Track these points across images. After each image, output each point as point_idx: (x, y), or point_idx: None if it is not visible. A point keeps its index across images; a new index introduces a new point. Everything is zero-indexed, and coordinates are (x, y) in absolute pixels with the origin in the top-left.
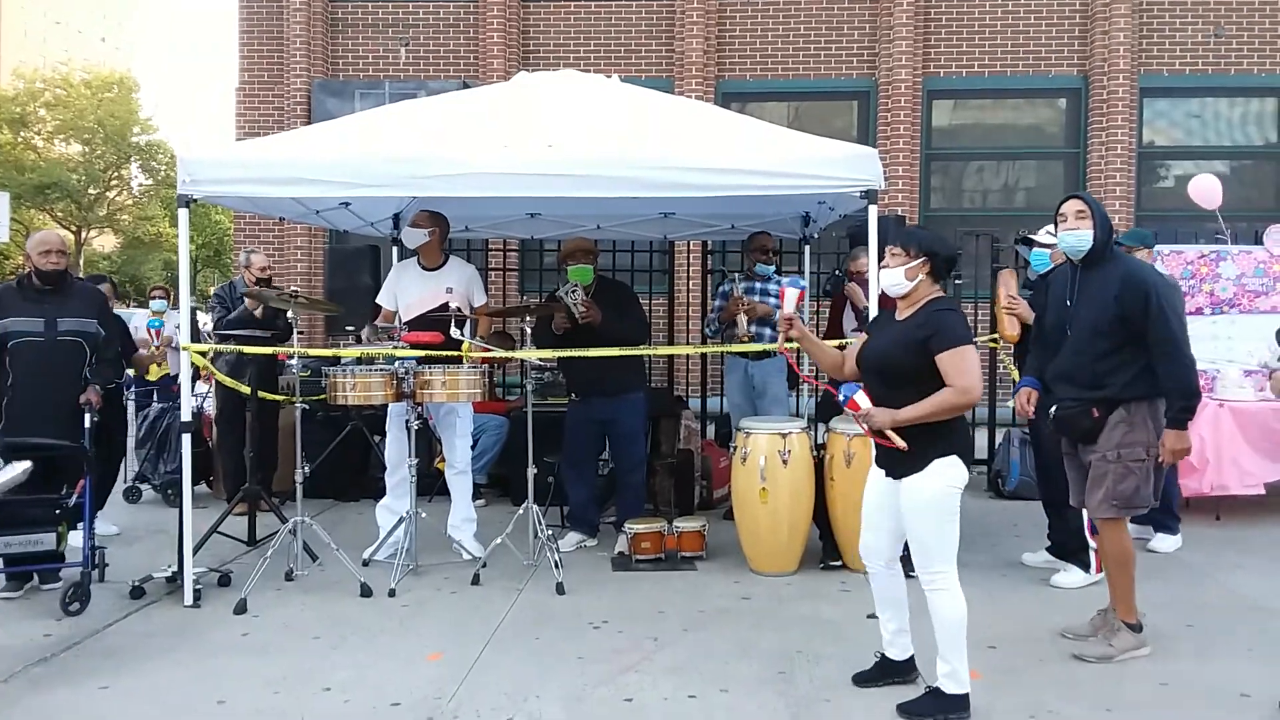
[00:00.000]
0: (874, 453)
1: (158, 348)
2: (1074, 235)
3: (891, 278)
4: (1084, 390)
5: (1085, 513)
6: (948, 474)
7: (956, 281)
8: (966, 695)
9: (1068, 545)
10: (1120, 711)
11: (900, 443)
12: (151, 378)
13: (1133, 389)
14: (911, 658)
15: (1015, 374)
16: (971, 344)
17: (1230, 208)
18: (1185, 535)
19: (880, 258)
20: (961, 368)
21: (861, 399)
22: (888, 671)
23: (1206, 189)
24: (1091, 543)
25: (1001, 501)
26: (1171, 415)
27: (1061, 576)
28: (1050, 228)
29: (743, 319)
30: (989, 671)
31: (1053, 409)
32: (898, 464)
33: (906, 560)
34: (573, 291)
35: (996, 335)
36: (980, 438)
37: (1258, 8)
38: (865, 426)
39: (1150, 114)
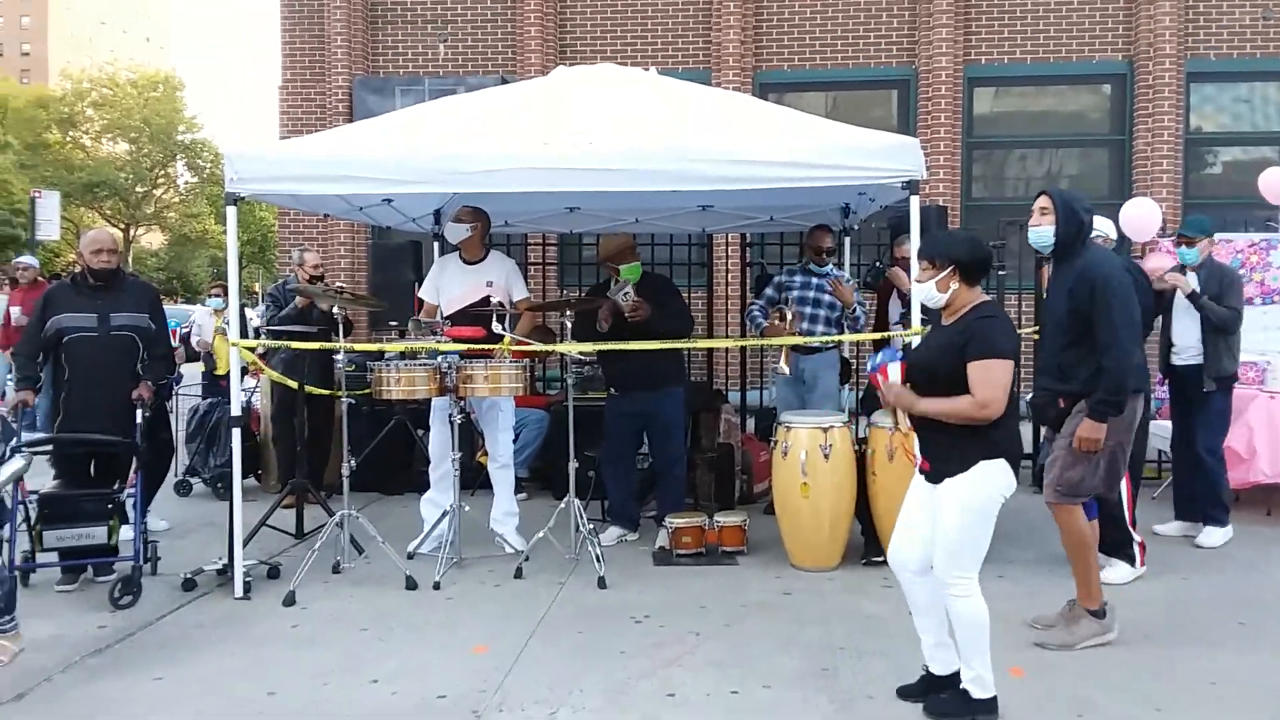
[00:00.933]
0: (917, 460)
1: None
2: (1036, 231)
3: (924, 292)
4: (1054, 382)
5: (1125, 504)
6: (992, 478)
7: (1000, 273)
8: (994, 699)
9: (1111, 539)
10: (1169, 710)
11: (903, 426)
12: (220, 371)
13: (1095, 383)
14: (957, 672)
15: None
16: (1007, 358)
17: None
18: (1235, 530)
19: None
20: (986, 379)
21: (894, 370)
22: (932, 687)
23: (1275, 183)
24: (1135, 536)
25: None
26: (1092, 405)
27: (1107, 573)
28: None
29: (784, 364)
30: (1034, 668)
31: (1029, 398)
32: (942, 464)
33: None
34: (625, 292)
35: (1039, 327)
36: (1025, 431)
37: None
38: (884, 400)
39: (1197, 99)
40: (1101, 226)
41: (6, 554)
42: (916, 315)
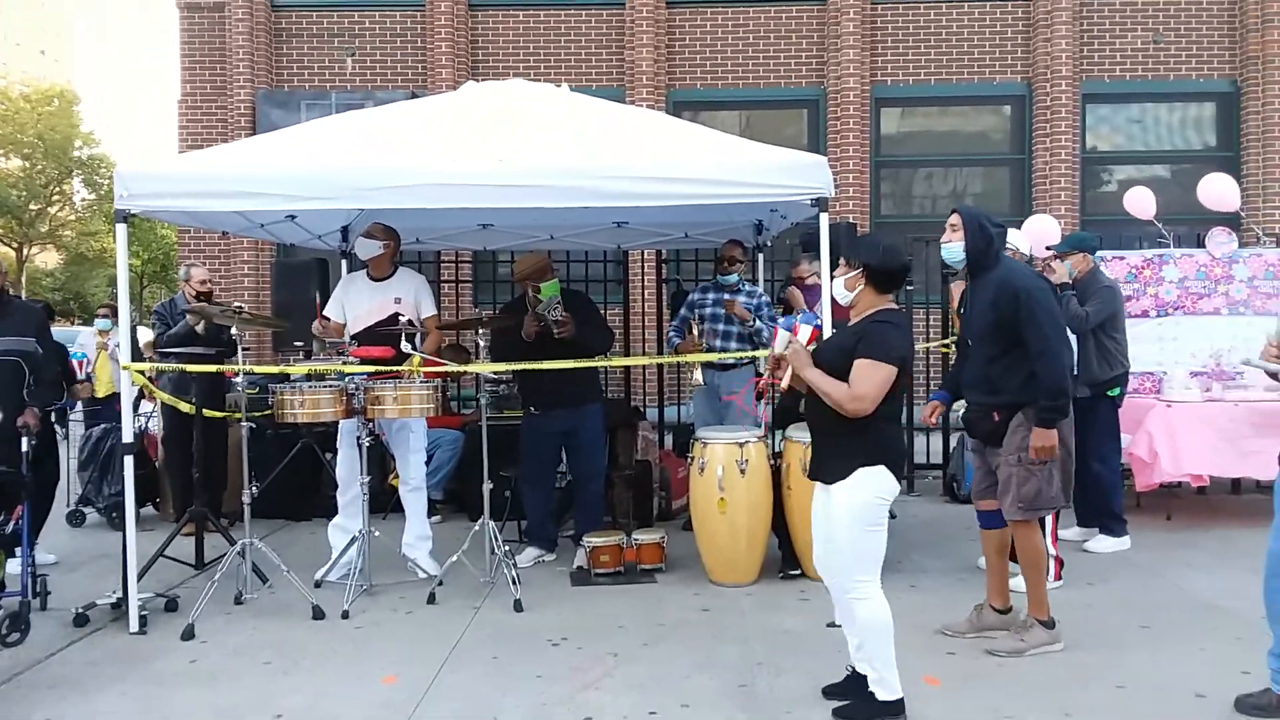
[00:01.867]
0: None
1: (83, 381)
2: (947, 248)
3: (836, 288)
4: (983, 395)
5: (1048, 521)
6: (872, 484)
7: (908, 288)
8: (900, 700)
9: None
10: (1078, 714)
11: (780, 382)
12: (101, 394)
13: (1028, 392)
14: None
15: None
16: (892, 363)
17: (1172, 212)
18: (1138, 536)
19: (832, 264)
20: (866, 377)
21: (804, 331)
22: (857, 685)
23: (1140, 200)
24: (1051, 549)
25: (957, 506)
26: (1037, 414)
27: (1018, 581)
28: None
29: (697, 373)
30: (948, 677)
31: (962, 412)
32: (822, 470)
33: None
34: (554, 308)
35: (949, 341)
36: (935, 442)
37: (1194, 14)
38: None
39: (1093, 120)
40: (1014, 240)
41: None
42: (827, 311)
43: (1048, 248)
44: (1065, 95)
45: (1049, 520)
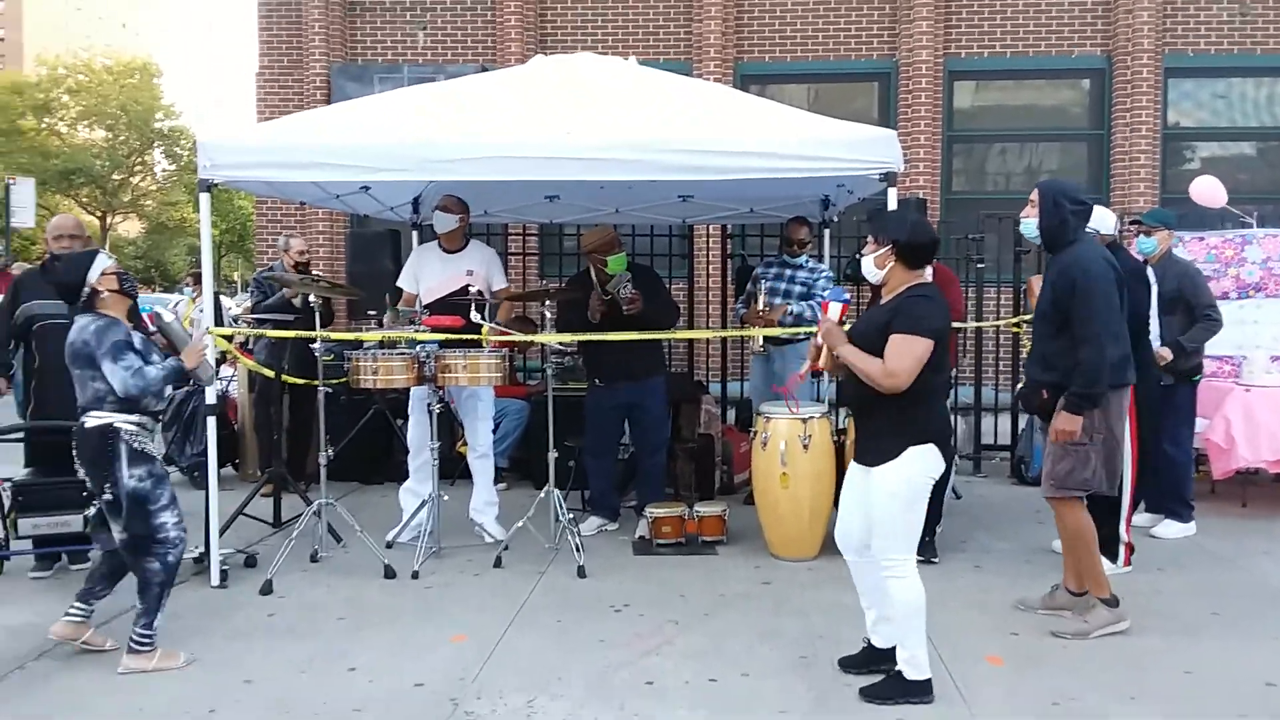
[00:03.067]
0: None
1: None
2: (1023, 223)
3: (865, 266)
4: (1037, 372)
5: (1124, 506)
6: (919, 462)
7: (979, 265)
8: (928, 681)
9: (1100, 534)
10: (1144, 699)
11: (821, 364)
12: None
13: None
14: (895, 647)
15: None
16: (927, 337)
17: (1259, 190)
18: (1211, 523)
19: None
20: (900, 351)
21: (834, 309)
22: (873, 658)
23: (1209, 190)
24: (1124, 535)
25: (1025, 488)
26: (1066, 397)
27: None
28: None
29: (758, 339)
30: (1011, 657)
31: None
32: (869, 452)
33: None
34: (624, 284)
35: (1019, 319)
36: (1004, 423)
37: None
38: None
39: (1175, 95)
40: (1097, 221)
41: None
42: None
43: (1132, 221)
44: (1147, 69)
45: (1125, 506)
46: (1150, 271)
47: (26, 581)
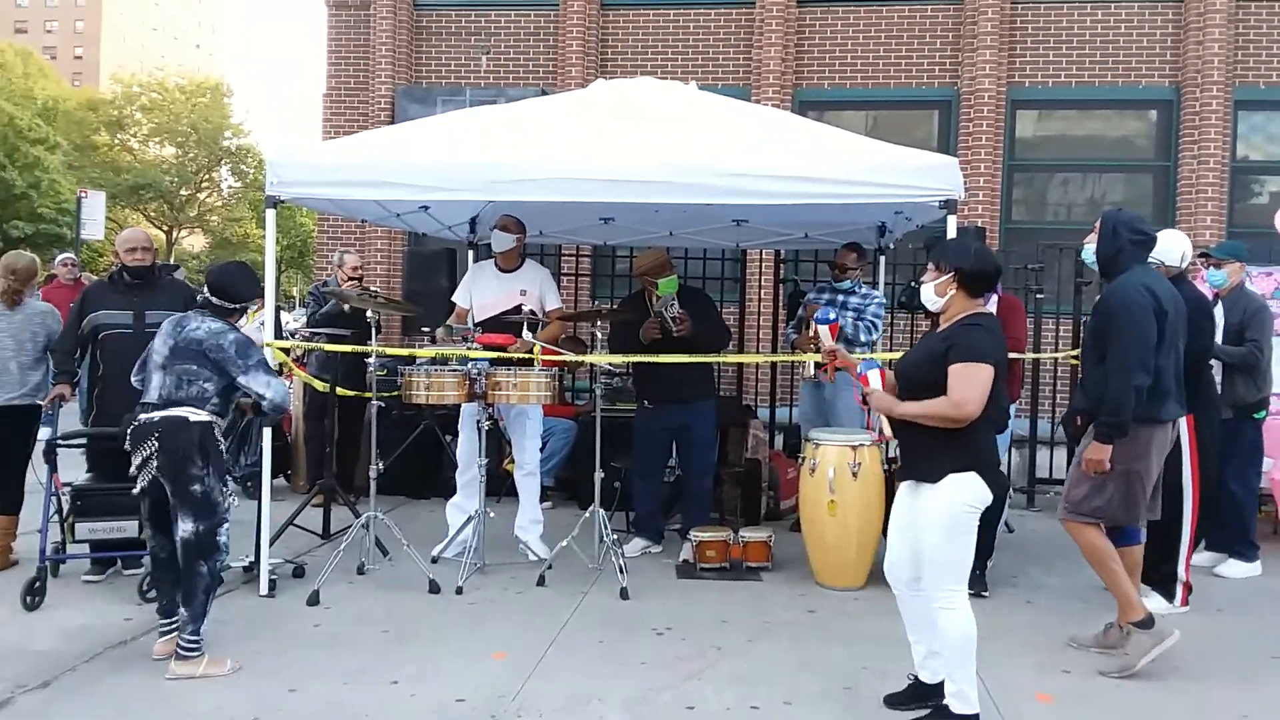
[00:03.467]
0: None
1: None
2: (1085, 248)
3: (925, 294)
4: (1080, 399)
5: (1182, 547)
6: (962, 490)
7: (1038, 296)
8: (976, 716)
9: (1159, 572)
10: None
11: (887, 433)
12: None
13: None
14: (943, 682)
15: None
16: (988, 364)
17: None
18: (1275, 564)
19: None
20: (965, 381)
21: (874, 377)
22: (920, 695)
23: None
24: (1183, 574)
25: None
26: (1096, 425)
27: (1150, 602)
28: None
29: (810, 363)
30: (1063, 696)
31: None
32: (913, 467)
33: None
34: (670, 306)
35: (1076, 352)
36: (1059, 457)
37: None
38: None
39: (1245, 128)
40: (1162, 252)
41: (40, 543)
42: None
43: (1200, 254)
44: (1216, 101)
45: (1185, 545)
46: (1220, 305)
47: (80, 584)
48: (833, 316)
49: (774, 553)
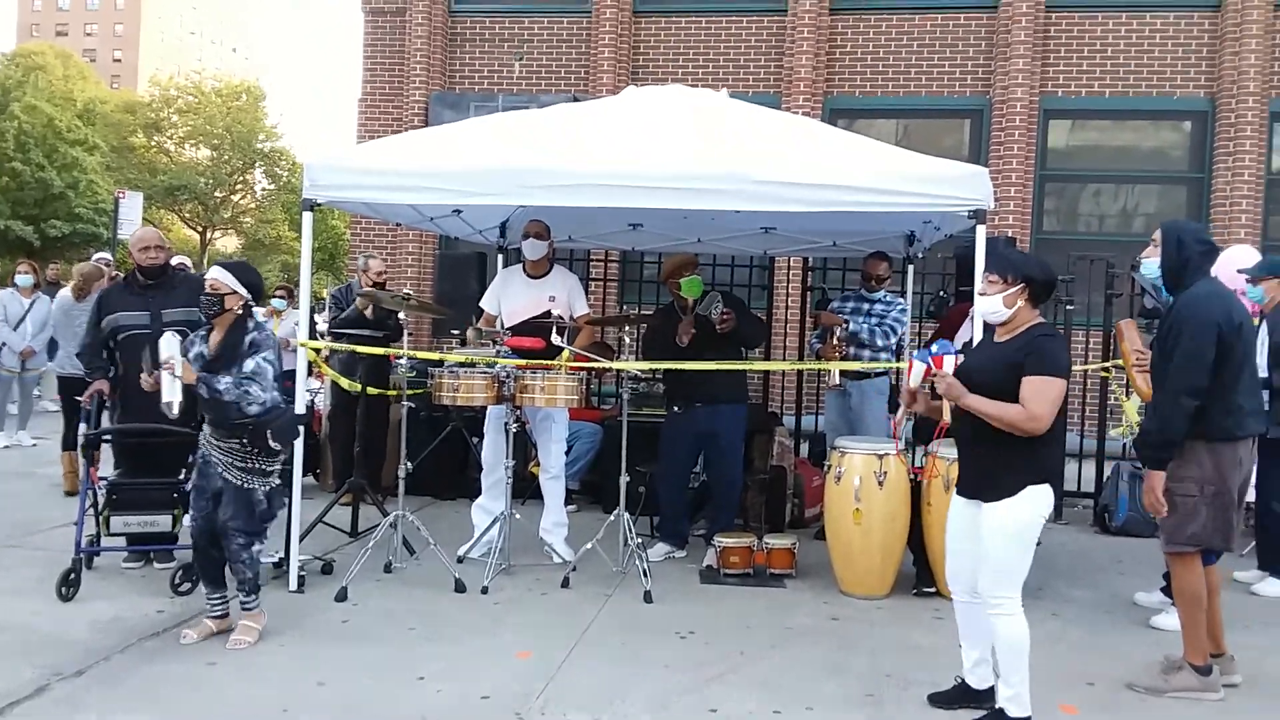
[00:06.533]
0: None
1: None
2: (1145, 264)
3: (989, 305)
4: (1146, 420)
5: None
6: (1038, 502)
7: (1068, 307)
8: (1029, 718)
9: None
10: None
11: (946, 418)
12: None
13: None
14: (992, 688)
15: (1126, 404)
16: (1064, 378)
17: None
18: None
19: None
20: (1042, 395)
21: (949, 362)
22: (966, 697)
23: None
24: None
25: (1107, 537)
26: (1140, 453)
27: (1162, 618)
28: None
29: (835, 371)
30: (1086, 708)
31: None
32: (985, 487)
33: None
34: (716, 304)
35: (1109, 364)
36: (1088, 470)
37: None
38: (926, 390)
39: None
40: (1223, 267)
41: (76, 535)
42: (979, 329)
43: (1239, 271)
44: (1252, 112)
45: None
46: (1265, 323)
47: (116, 576)
48: (956, 350)
49: (798, 560)
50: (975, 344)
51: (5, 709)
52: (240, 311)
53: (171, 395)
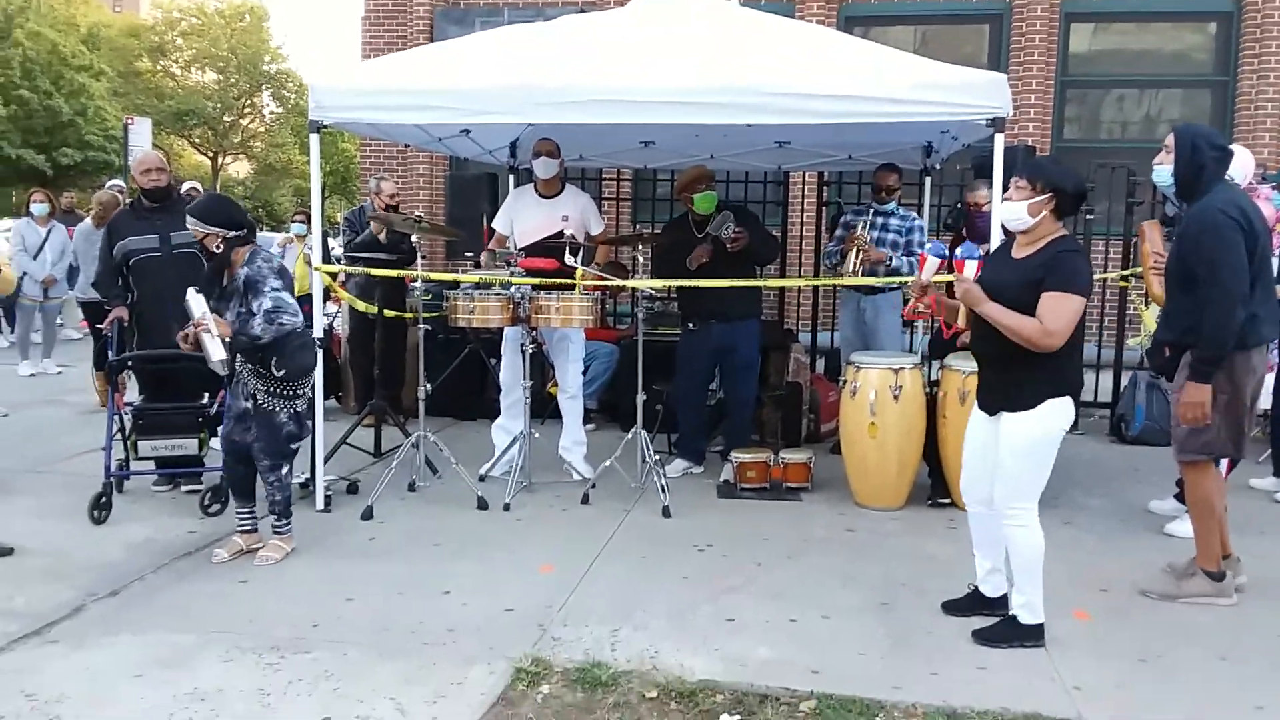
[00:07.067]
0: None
1: None
2: (1157, 170)
3: (1013, 211)
4: (1162, 330)
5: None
6: (1058, 415)
7: (1088, 217)
8: (1041, 625)
9: None
10: (1234, 660)
11: (961, 323)
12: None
13: (1191, 335)
14: (1004, 596)
15: (1145, 313)
16: (1083, 295)
17: None
18: None
19: (1005, 189)
20: (1059, 311)
21: (970, 267)
22: (978, 604)
23: None
24: None
25: (1124, 446)
26: (1192, 365)
27: (1177, 525)
28: None
29: (853, 257)
30: (1099, 614)
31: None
32: (1008, 399)
33: None
34: (724, 224)
35: (1127, 273)
36: (1105, 380)
37: None
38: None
39: None
40: (1234, 169)
41: (105, 460)
42: (997, 237)
43: (1263, 179)
44: (1279, 13)
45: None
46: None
47: (147, 499)
48: (979, 256)
49: (814, 474)
50: (990, 254)
51: (44, 629)
52: (219, 249)
53: (216, 353)
